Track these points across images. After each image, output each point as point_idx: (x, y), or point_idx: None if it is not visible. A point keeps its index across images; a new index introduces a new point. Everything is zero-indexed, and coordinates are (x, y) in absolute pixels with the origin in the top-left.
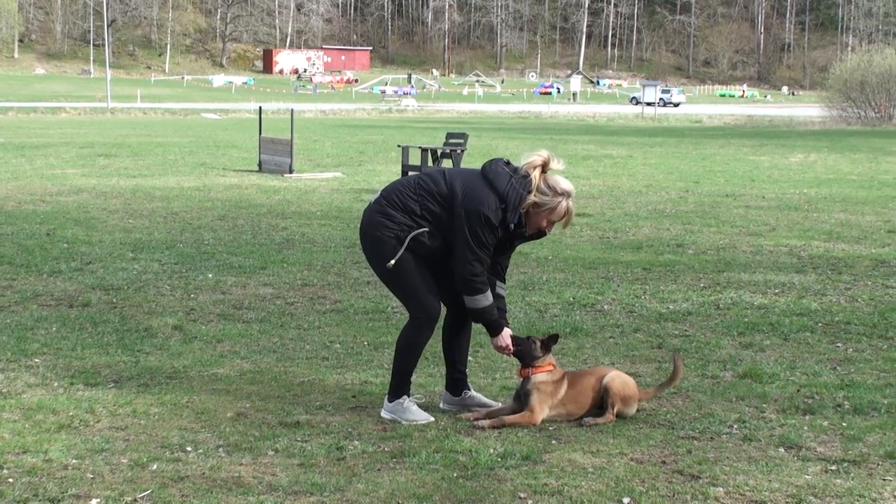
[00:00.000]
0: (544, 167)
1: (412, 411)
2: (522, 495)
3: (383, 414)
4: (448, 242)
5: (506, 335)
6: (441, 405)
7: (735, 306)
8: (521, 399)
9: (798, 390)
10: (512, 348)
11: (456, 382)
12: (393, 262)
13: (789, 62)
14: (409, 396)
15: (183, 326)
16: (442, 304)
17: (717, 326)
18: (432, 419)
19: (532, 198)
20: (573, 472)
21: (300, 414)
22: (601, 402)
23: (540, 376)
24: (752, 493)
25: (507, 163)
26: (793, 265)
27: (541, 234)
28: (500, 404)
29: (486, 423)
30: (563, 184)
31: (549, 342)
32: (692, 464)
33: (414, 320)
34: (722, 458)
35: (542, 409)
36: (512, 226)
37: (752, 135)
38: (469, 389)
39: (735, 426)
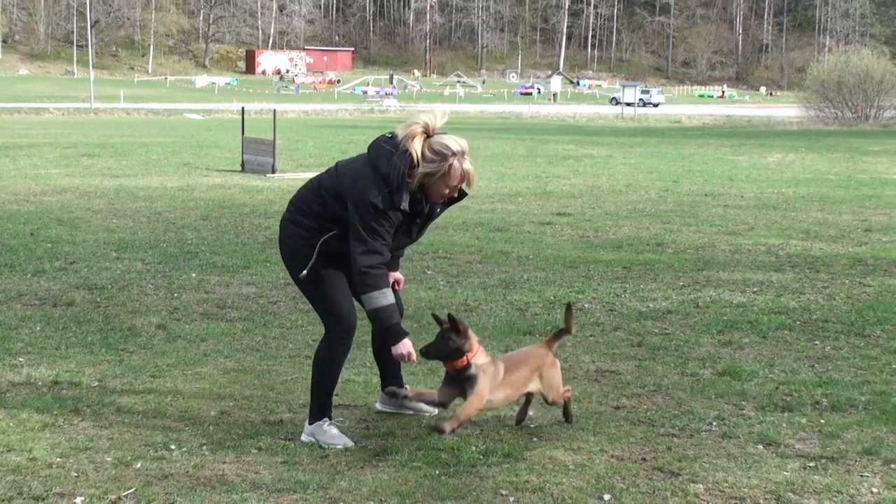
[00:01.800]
0: (427, 132)
1: (332, 434)
2: (504, 492)
3: (303, 437)
4: None
5: (407, 343)
6: (377, 405)
7: (714, 304)
8: (464, 383)
9: (776, 388)
10: (415, 356)
11: (392, 390)
12: (305, 272)
13: (767, 63)
14: (330, 419)
15: (166, 325)
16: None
17: (696, 324)
18: (352, 444)
19: (420, 170)
20: (554, 469)
21: (283, 412)
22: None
23: (479, 358)
24: (731, 490)
25: (392, 136)
26: (771, 264)
27: (452, 200)
28: (436, 410)
29: (447, 426)
30: (451, 144)
31: (457, 324)
32: (672, 461)
33: (328, 335)
34: (701, 455)
35: (487, 391)
36: (404, 206)
37: (730, 135)
38: (406, 389)
39: (714, 423)
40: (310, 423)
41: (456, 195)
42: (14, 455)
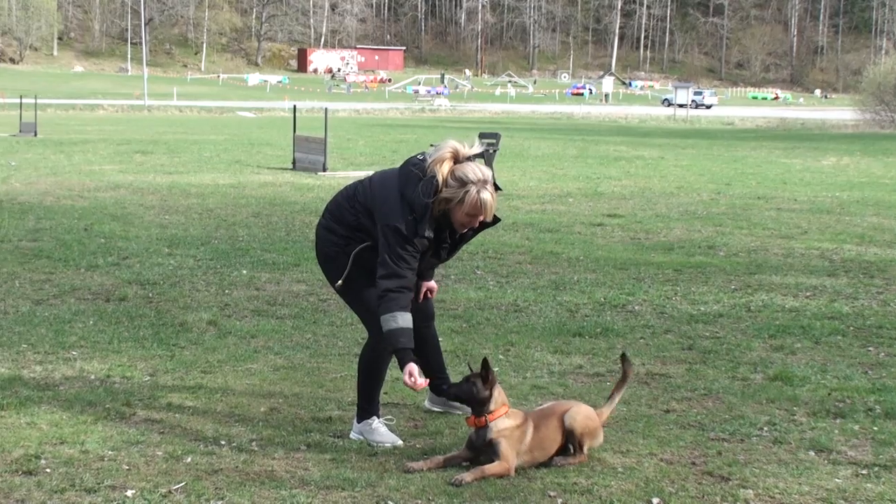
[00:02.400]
0: (455, 158)
1: (380, 433)
2: (552, 494)
3: (352, 435)
4: None
5: (412, 369)
6: (426, 404)
7: (766, 309)
8: (484, 451)
9: (829, 394)
10: (418, 383)
11: (438, 387)
12: (340, 282)
13: (822, 65)
14: (378, 417)
15: (217, 322)
16: None
17: (748, 329)
18: (400, 442)
19: (440, 195)
20: (603, 472)
21: (332, 409)
22: (566, 442)
23: (501, 422)
24: (781, 496)
25: (423, 158)
26: (824, 268)
27: (482, 226)
28: None
29: (468, 476)
30: (473, 173)
31: (487, 373)
32: (722, 465)
33: (372, 338)
34: (752, 461)
35: (513, 457)
36: (428, 234)
37: (784, 137)
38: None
39: (765, 429)
40: (358, 422)
41: (477, 225)
42: (67, 447)
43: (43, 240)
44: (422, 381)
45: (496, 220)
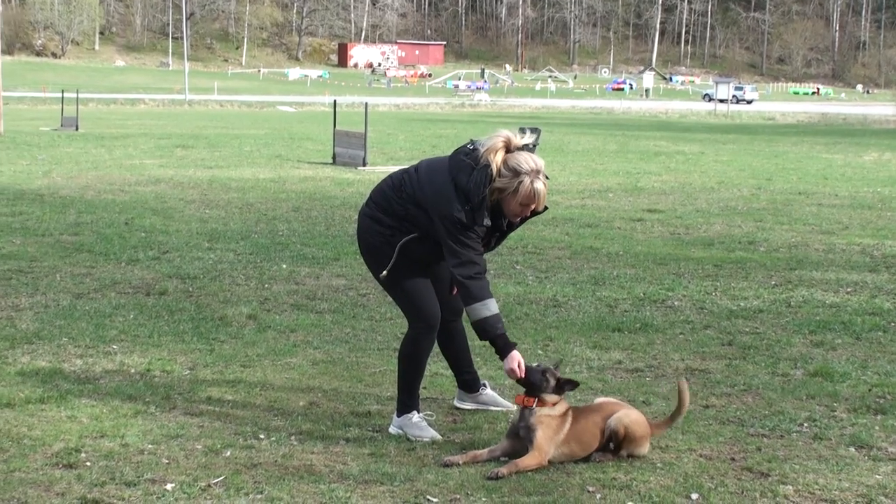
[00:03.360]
0: (507, 148)
1: (420, 427)
2: (591, 489)
3: (391, 429)
4: (438, 244)
5: (514, 357)
6: (455, 402)
7: (806, 304)
8: (522, 434)
9: (869, 390)
10: (521, 374)
11: (467, 383)
12: (385, 272)
13: (864, 60)
14: (418, 412)
15: (257, 316)
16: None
17: (788, 324)
18: (439, 437)
19: (494, 185)
20: (641, 468)
21: (371, 404)
22: (607, 442)
23: (544, 410)
24: (821, 492)
25: (473, 148)
26: (865, 264)
27: (534, 213)
28: (512, 404)
29: (503, 470)
30: (526, 162)
31: (566, 386)
32: (761, 461)
33: (412, 330)
34: (792, 457)
35: (549, 447)
36: (487, 223)
37: (825, 133)
38: (485, 386)
39: (805, 424)
40: (398, 416)
41: (529, 214)
42: (107, 441)
43: (84, 234)
44: (524, 372)
45: (544, 208)
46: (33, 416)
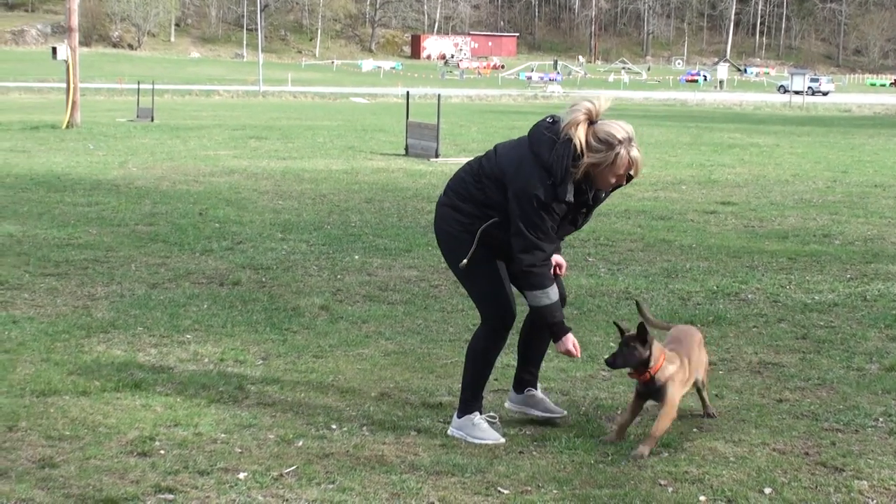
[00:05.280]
0: (590, 119)
1: (482, 429)
2: (663, 482)
3: (450, 432)
4: None
5: (569, 339)
6: (507, 404)
7: (882, 298)
8: (654, 396)
9: None
10: (576, 353)
11: (521, 380)
12: (465, 261)
13: None
14: (480, 413)
15: (329, 306)
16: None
17: (863, 318)
18: (503, 440)
19: (585, 160)
20: (714, 461)
21: (443, 395)
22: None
23: (666, 370)
24: None
25: (554, 121)
26: None
27: (618, 184)
28: (562, 410)
29: (645, 450)
30: (617, 131)
31: (644, 335)
32: (836, 456)
33: (485, 325)
34: (866, 452)
35: (679, 397)
36: (569, 198)
37: None
38: (534, 388)
39: (881, 419)
40: (459, 417)
41: (623, 182)
42: (181, 430)
43: (159, 224)
44: (579, 353)
45: (630, 177)
46: (108, 404)
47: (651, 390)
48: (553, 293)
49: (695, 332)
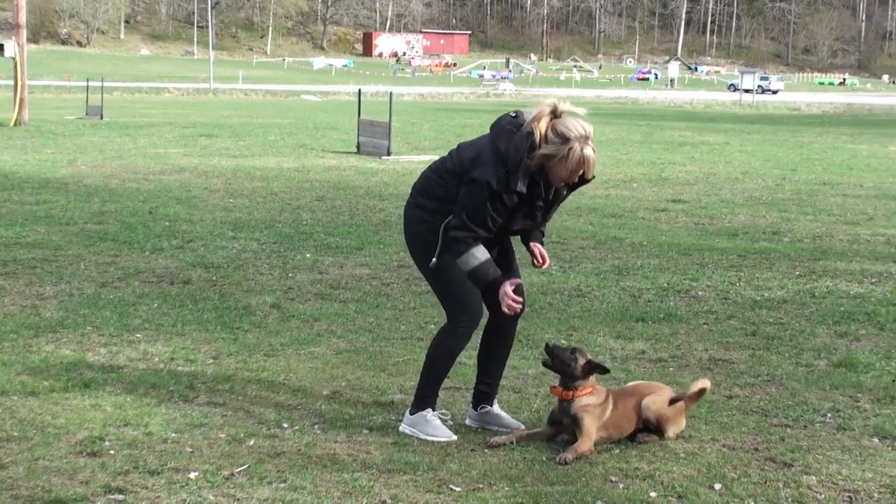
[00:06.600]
0: (554, 114)
1: (435, 426)
2: (614, 479)
3: (402, 428)
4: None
5: (507, 286)
6: (466, 421)
7: (830, 295)
8: (566, 423)
9: (893, 380)
10: (513, 300)
11: (478, 393)
12: (434, 259)
13: (891, 50)
14: (433, 410)
15: (281, 305)
16: (484, 309)
17: (811, 315)
18: (455, 438)
19: (540, 151)
20: (665, 457)
21: (395, 393)
22: (644, 426)
23: (585, 399)
24: (845, 483)
25: (516, 115)
26: (890, 255)
27: (578, 183)
28: (522, 425)
29: (569, 455)
30: (575, 128)
31: (593, 369)
32: (785, 451)
33: (451, 324)
34: (815, 447)
35: (595, 433)
36: (521, 188)
37: (850, 123)
38: (489, 405)
39: (829, 415)
40: (411, 413)
41: (576, 180)
42: (131, 429)
43: (108, 223)
44: (517, 301)
45: (592, 177)
46: (57, 404)
47: (565, 416)
48: (480, 252)
49: (658, 393)
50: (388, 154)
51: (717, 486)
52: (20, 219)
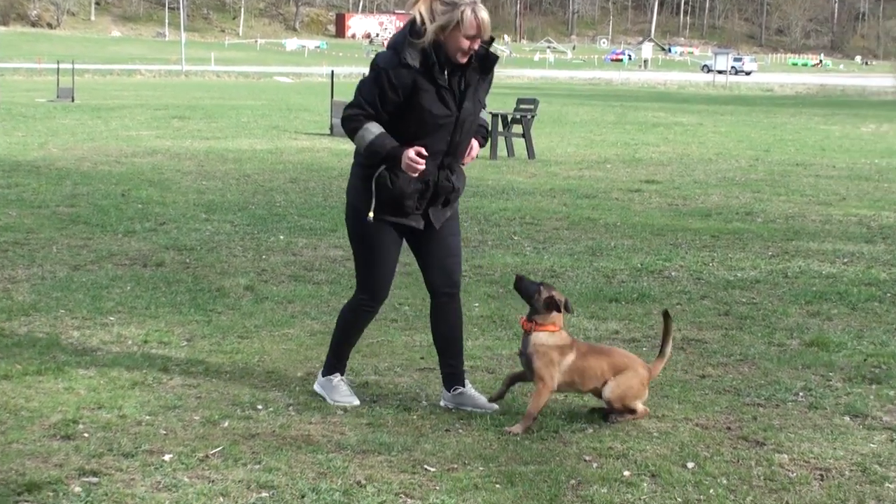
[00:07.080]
0: None
1: (340, 391)
2: (588, 458)
3: (314, 387)
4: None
5: (409, 151)
6: (441, 402)
7: (803, 275)
8: (523, 362)
9: (865, 359)
10: (414, 160)
11: (446, 376)
12: (371, 214)
13: (863, 31)
14: (341, 375)
15: (254, 287)
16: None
17: (784, 295)
18: (357, 402)
19: (433, 25)
20: (638, 436)
21: (369, 374)
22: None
23: (541, 336)
24: (816, 461)
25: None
26: (862, 235)
27: (486, 66)
28: (494, 405)
29: (518, 428)
30: None
31: (553, 305)
32: (757, 430)
33: (355, 299)
34: (787, 426)
35: (551, 375)
36: (411, 62)
37: (823, 104)
38: (461, 386)
39: (801, 394)
40: (322, 375)
41: (476, 48)
42: (104, 412)
43: (80, 205)
44: (421, 161)
45: (495, 57)
46: (30, 387)
47: (525, 348)
48: (374, 127)
49: (629, 363)
50: None
51: (690, 465)
52: None
